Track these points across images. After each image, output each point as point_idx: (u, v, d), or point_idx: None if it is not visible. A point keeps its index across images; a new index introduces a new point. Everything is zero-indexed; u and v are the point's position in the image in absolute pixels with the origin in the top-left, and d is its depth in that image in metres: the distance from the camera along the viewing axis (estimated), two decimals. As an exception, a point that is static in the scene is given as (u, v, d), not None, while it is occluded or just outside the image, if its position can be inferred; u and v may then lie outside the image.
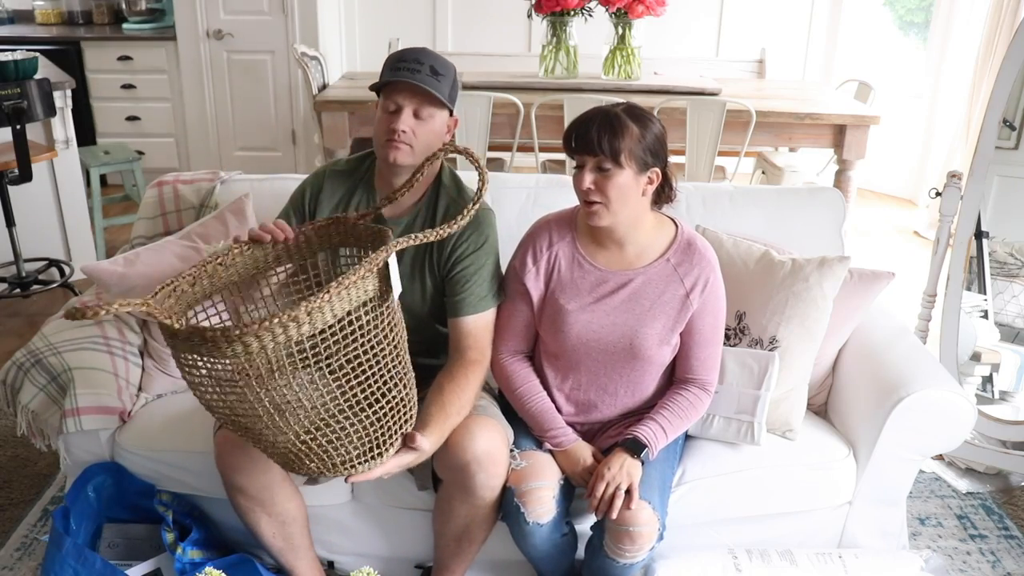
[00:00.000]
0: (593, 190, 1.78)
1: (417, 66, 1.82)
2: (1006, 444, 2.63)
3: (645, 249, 1.89)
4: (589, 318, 1.88)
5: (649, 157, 1.78)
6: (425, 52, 1.86)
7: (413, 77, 1.80)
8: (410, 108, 1.82)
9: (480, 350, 1.89)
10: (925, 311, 2.86)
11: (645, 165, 1.78)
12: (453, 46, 5.61)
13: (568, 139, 1.81)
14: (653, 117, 1.82)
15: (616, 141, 1.74)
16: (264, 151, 5.36)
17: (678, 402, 1.89)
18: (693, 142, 3.73)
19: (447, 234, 1.69)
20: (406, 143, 1.82)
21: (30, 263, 3.87)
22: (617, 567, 1.80)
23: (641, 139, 1.76)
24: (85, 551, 1.83)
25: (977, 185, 2.70)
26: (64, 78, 3.83)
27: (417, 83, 1.79)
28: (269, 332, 1.41)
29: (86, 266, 2.14)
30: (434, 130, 1.85)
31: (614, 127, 1.75)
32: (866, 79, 4.45)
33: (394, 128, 1.81)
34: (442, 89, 1.83)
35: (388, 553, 2.11)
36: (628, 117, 1.77)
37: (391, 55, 1.89)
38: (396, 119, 1.82)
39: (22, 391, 2.03)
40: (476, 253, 1.89)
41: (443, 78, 1.84)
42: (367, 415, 1.55)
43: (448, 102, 1.85)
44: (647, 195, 1.83)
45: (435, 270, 1.91)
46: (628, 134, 1.75)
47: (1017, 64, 2.62)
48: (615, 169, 1.76)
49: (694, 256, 1.88)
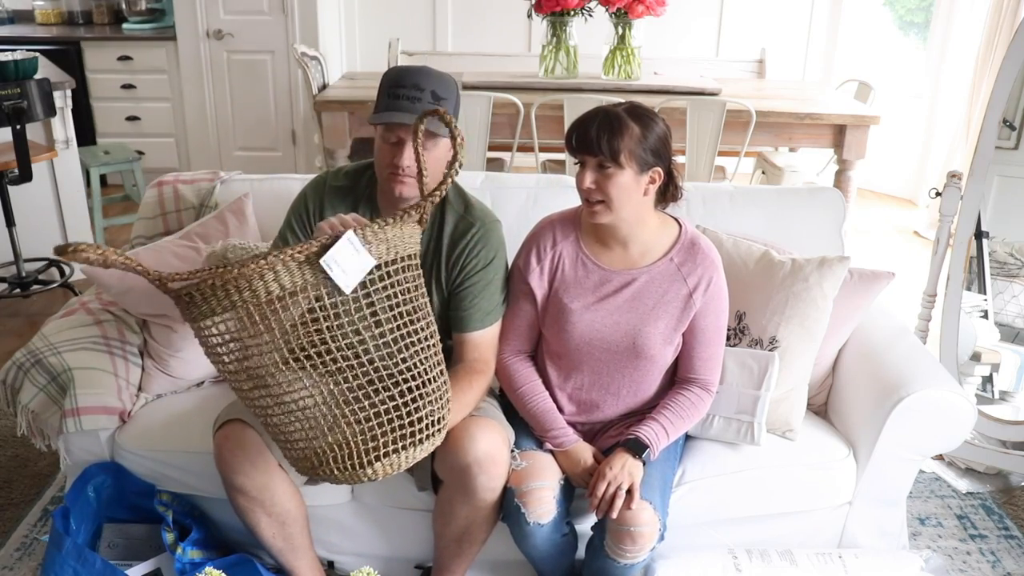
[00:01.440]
0: (594, 189, 1.78)
1: (417, 93, 1.74)
2: (1006, 444, 2.63)
3: (649, 248, 1.89)
4: (592, 317, 1.88)
5: (650, 157, 1.78)
6: (424, 74, 1.78)
7: (413, 108, 1.73)
8: (412, 140, 1.74)
9: (484, 361, 1.90)
10: (925, 311, 2.86)
11: (646, 165, 1.78)
12: (453, 46, 5.61)
13: (569, 138, 1.81)
14: (656, 116, 1.82)
15: (616, 141, 1.74)
16: (264, 151, 5.36)
17: (680, 402, 1.89)
18: (693, 142, 3.73)
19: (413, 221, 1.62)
20: (412, 176, 1.78)
21: (30, 263, 3.87)
22: (618, 567, 1.80)
23: (642, 139, 1.76)
24: (85, 551, 1.83)
25: (977, 185, 2.70)
26: (64, 78, 3.83)
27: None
28: (270, 269, 1.42)
29: (86, 266, 2.13)
30: (439, 157, 1.80)
31: (614, 127, 1.75)
32: (866, 79, 4.44)
33: (397, 164, 1.77)
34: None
35: (388, 553, 2.11)
36: (630, 117, 1.77)
37: (388, 75, 1.80)
38: (399, 153, 1.76)
39: (22, 391, 2.03)
40: (485, 269, 1.88)
41: (445, 102, 1.78)
42: (401, 391, 1.53)
43: (451, 127, 1.77)
44: (649, 195, 1.83)
45: (443, 285, 1.90)
46: (628, 134, 1.75)
47: (1017, 64, 2.62)
48: (615, 169, 1.76)
49: (697, 256, 1.88)
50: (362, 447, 1.53)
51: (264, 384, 1.52)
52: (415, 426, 1.56)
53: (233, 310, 1.45)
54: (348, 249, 1.48)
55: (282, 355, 1.49)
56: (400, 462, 1.57)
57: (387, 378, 1.54)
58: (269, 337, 1.47)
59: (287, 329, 1.47)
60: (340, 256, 1.47)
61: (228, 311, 1.46)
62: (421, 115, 1.67)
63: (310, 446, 1.56)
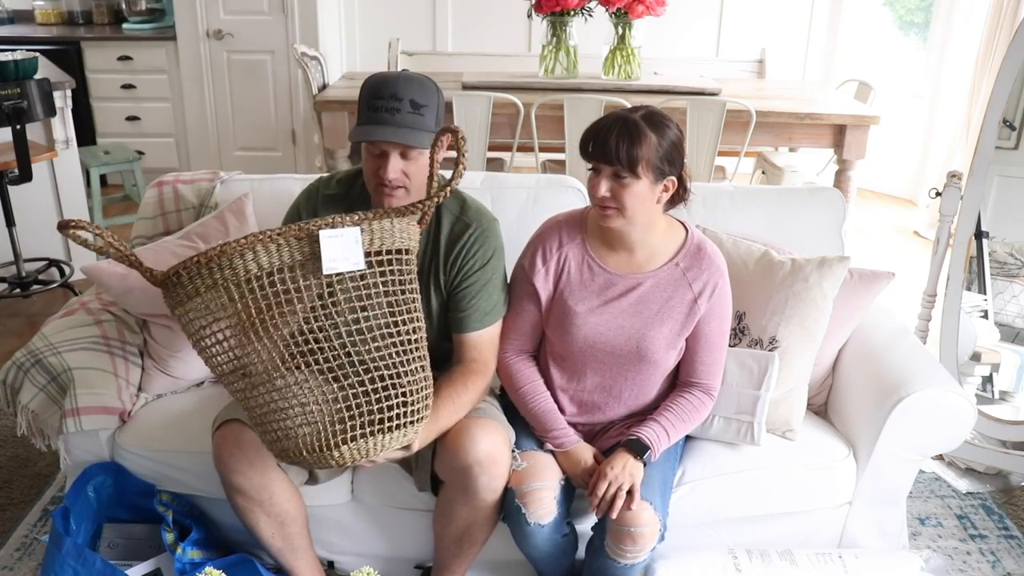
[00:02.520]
0: (608, 197, 1.77)
1: (395, 104, 1.72)
2: (1006, 444, 2.63)
3: (655, 253, 1.89)
4: (597, 321, 1.88)
5: (666, 166, 1.76)
6: (402, 82, 1.75)
7: (392, 120, 1.72)
8: (396, 152, 1.75)
9: (483, 362, 1.89)
10: (925, 311, 2.86)
11: (662, 174, 1.76)
12: (453, 46, 5.61)
13: (585, 145, 1.78)
14: (671, 122, 1.79)
15: (635, 151, 1.72)
16: (264, 151, 5.36)
17: (681, 405, 1.89)
18: (693, 142, 3.73)
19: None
20: (400, 186, 1.78)
21: (30, 263, 3.87)
22: (618, 568, 1.80)
23: (659, 147, 1.74)
24: (85, 551, 1.83)
25: (977, 185, 2.70)
26: (64, 78, 3.83)
27: (395, 137, 1.71)
28: (250, 250, 1.47)
29: (86, 266, 2.14)
30: (425, 165, 1.77)
31: (633, 136, 1.72)
32: (866, 79, 4.44)
33: (383, 176, 1.76)
34: (426, 123, 1.75)
35: (388, 553, 2.11)
36: (647, 125, 1.74)
37: (366, 85, 1.78)
38: (384, 166, 1.75)
39: (22, 391, 2.03)
40: (483, 269, 1.88)
41: (426, 108, 1.75)
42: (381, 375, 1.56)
43: (434, 133, 1.75)
44: (662, 202, 1.82)
45: (441, 287, 1.90)
46: (647, 143, 1.73)
47: (1017, 64, 2.61)
48: (632, 179, 1.74)
49: (703, 261, 1.88)
50: (330, 429, 1.56)
51: (243, 367, 1.56)
52: (383, 413, 1.57)
53: (215, 289, 1.50)
54: (351, 237, 1.52)
55: (259, 337, 1.52)
56: (368, 448, 1.58)
57: (358, 364, 1.56)
58: (245, 316, 1.51)
59: (263, 308, 1.51)
60: (337, 242, 1.51)
61: (211, 290, 1.50)
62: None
63: (282, 427, 1.58)
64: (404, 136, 1.73)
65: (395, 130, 1.73)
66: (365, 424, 1.57)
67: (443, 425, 1.78)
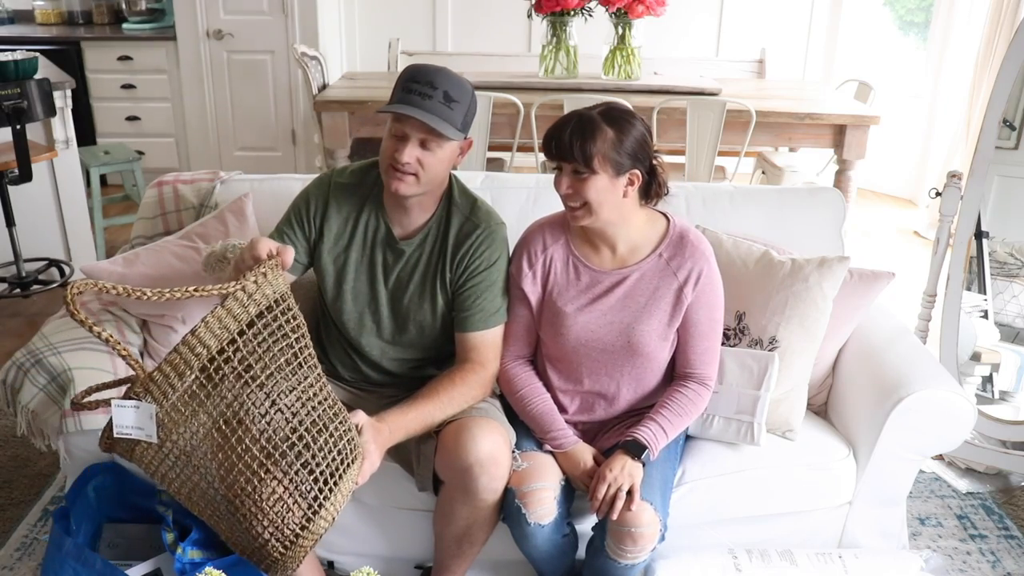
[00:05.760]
0: (572, 194, 1.78)
1: (429, 91, 1.73)
2: (1006, 444, 2.63)
3: (637, 246, 1.89)
4: (587, 319, 1.88)
5: (627, 160, 1.76)
6: (441, 74, 1.77)
7: (423, 104, 1.72)
8: (416, 138, 1.74)
9: (483, 363, 1.89)
10: (925, 311, 2.86)
11: (622, 168, 1.76)
12: (453, 46, 5.61)
13: (548, 144, 1.80)
14: (633, 118, 1.79)
15: (588, 146, 1.73)
16: (264, 151, 5.36)
17: (677, 400, 1.89)
18: (693, 142, 3.73)
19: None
20: (410, 173, 1.77)
21: (30, 263, 3.87)
22: (618, 568, 1.80)
23: (617, 143, 1.74)
24: (85, 551, 1.83)
25: (977, 185, 2.70)
26: (64, 78, 3.83)
27: (423, 118, 1.71)
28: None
29: (86, 266, 2.14)
30: (442, 159, 1.79)
31: (586, 132, 1.73)
32: (866, 79, 4.44)
33: (398, 159, 1.75)
34: (454, 117, 1.75)
35: (388, 553, 2.11)
36: (604, 120, 1.75)
37: (406, 70, 1.79)
38: (401, 148, 1.74)
39: (22, 391, 2.03)
40: (488, 270, 1.88)
41: (457, 104, 1.76)
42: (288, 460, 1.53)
43: (461, 129, 1.78)
44: (630, 196, 1.82)
45: (446, 287, 1.90)
46: (601, 138, 1.73)
47: (1017, 64, 2.61)
48: (589, 174, 1.75)
49: (686, 249, 1.88)
50: (287, 517, 1.53)
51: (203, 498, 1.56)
52: (330, 468, 1.57)
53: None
54: (146, 412, 1.51)
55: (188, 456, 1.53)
56: (335, 504, 1.58)
57: (282, 443, 1.52)
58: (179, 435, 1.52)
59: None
60: (129, 412, 1.51)
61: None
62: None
63: (252, 532, 1.54)
64: (430, 119, 1.72)
65: (423, 112, 1.72)
66: (317, 495, 1.55)
67: (426, 416, 1.79)
